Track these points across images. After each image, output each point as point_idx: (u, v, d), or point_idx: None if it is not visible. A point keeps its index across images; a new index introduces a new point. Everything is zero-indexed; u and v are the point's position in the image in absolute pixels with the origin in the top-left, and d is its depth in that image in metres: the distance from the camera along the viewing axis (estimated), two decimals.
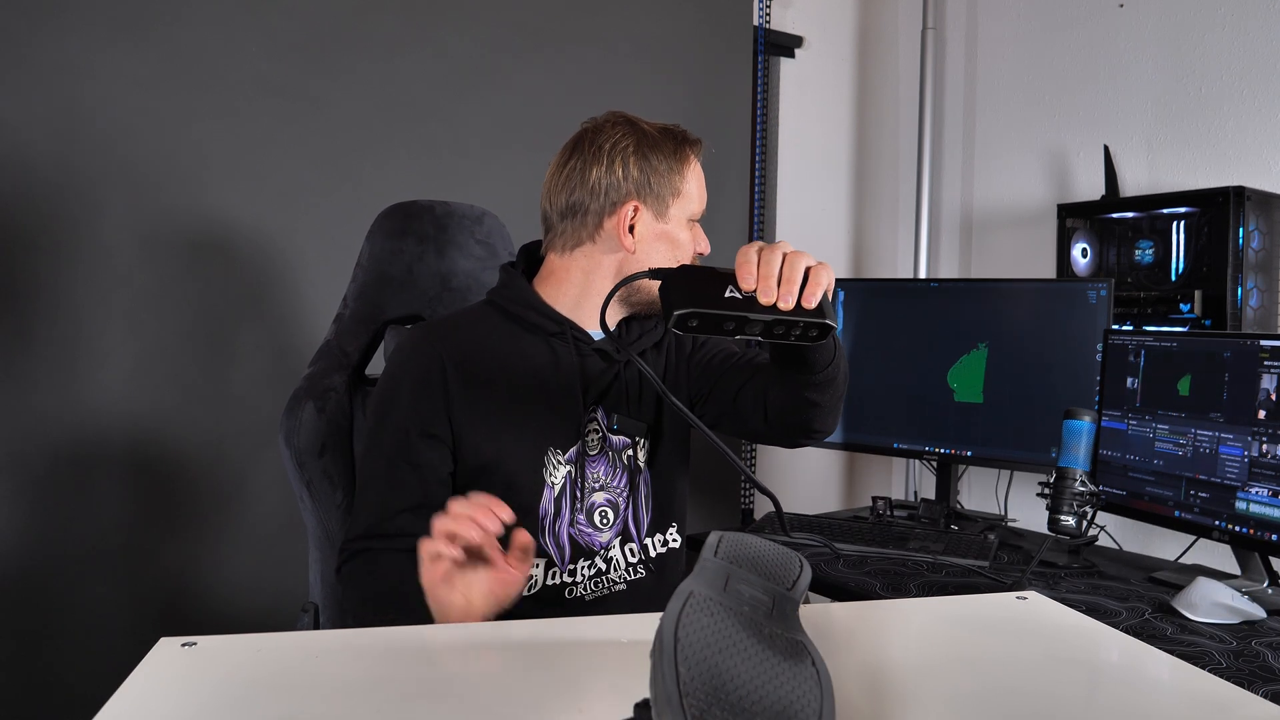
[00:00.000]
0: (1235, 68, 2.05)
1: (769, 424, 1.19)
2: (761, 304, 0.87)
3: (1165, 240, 1.98)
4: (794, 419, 1.16)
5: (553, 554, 1.16)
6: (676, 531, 1.28)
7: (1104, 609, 1.35)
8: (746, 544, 0.68)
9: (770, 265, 0.87)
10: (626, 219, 1.16)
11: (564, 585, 1.17)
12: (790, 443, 1.26)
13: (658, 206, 1.17)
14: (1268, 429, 1.37)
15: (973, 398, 1.92)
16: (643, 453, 1.24)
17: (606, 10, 2.28)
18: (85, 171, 1.71)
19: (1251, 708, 0.63)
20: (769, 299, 0.86)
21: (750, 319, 0.88)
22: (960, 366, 1.94)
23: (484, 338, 1.18)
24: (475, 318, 1.21)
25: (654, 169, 1.16)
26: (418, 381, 1.14)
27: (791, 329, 0.89)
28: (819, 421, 1.16)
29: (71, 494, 1.72)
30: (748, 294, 0.87)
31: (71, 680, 1.70)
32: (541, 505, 1.16)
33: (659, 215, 1.17)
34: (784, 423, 1.18)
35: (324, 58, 1.93)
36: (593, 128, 1.19)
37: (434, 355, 1.14)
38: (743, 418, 1.22)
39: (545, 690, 0.63)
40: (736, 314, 0.87)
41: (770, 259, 0.87)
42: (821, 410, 1.14)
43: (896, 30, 2.90)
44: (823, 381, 1.08)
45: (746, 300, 0.88)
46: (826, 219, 2.83)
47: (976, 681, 0.67)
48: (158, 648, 0.69)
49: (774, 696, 0.50)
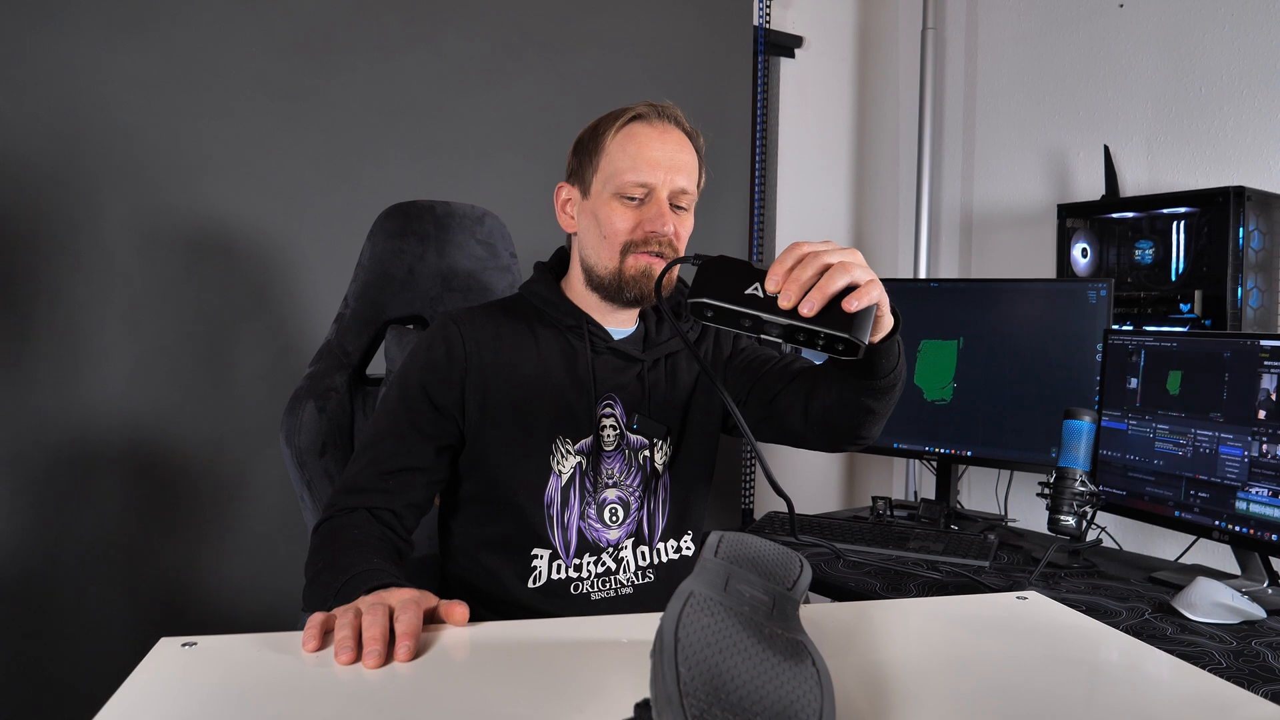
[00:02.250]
0: (1235, 68, 2.05)
1: (810, 427, 1.16)
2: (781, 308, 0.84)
3: (1165, 240, 1.98)
4: (844, 423, 1.12)
5: (557, 545, 1.16)
6: (691, 540, 1.28)
7: (1104, 609, 1.35)
8: (746, 544, 0.69)
9: (803, 269, 0.84)
10: (560, 201, 1.22)
11: (569, 580, 1.17)
12: (830, 447, 1.22)
13: (581, 185, 1.20)
14: (1268, 429, 1.37)
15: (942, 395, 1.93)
16: (662, 456, 1.24)
17: (606, 10, 2.28)
18: (85, 171, 1.71)
19: (1251, 708, 0.63)
20: (789, 303, 0.83)
21: (764, 320, 0.85)
22: (929, 356, 1.95)
23: (506, 327, 1.20)
24: (503, 309, 1.24)
25: (583, 147, 1.20)
26: (438, 357, 1.17)
27: (814, 337, 0.86)
28: (869, 429, 1.12)
29: (71, 494, 1.72)
30: (771, 295, 0.85)
31: (71, 680, 1.70)
32: (548, 493, 1.16)
33: (584, 193, 1.19)
34: (831, 427, 1.14)
35: (324, 58, 1.93)
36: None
37: (457, 336, 1.17)
38: (780, 422, 1.20)
39: (545, 690, 0.63)
40: (750, 312, 0.85)
41: (809, 263, 0.84)
42: (875, 417, 1.10)
43: (896, 30, 2.90)
44: (882, 388, 1.05)
45: (766, 300, 0.85)
46: (826, 219, 2.83)
47: (976, 681, 0.67)
48: (158, 648, 0.69)
49: (774, 696, 0.50)
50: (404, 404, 1.15)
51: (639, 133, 1.16)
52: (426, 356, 1.17)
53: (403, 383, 1.17)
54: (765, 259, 2.70)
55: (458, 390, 1.15)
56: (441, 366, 1.16)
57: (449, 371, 1.16)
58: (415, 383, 1.16)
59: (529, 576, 1.16)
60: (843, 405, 1.10)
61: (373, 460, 1.13)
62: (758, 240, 2.65)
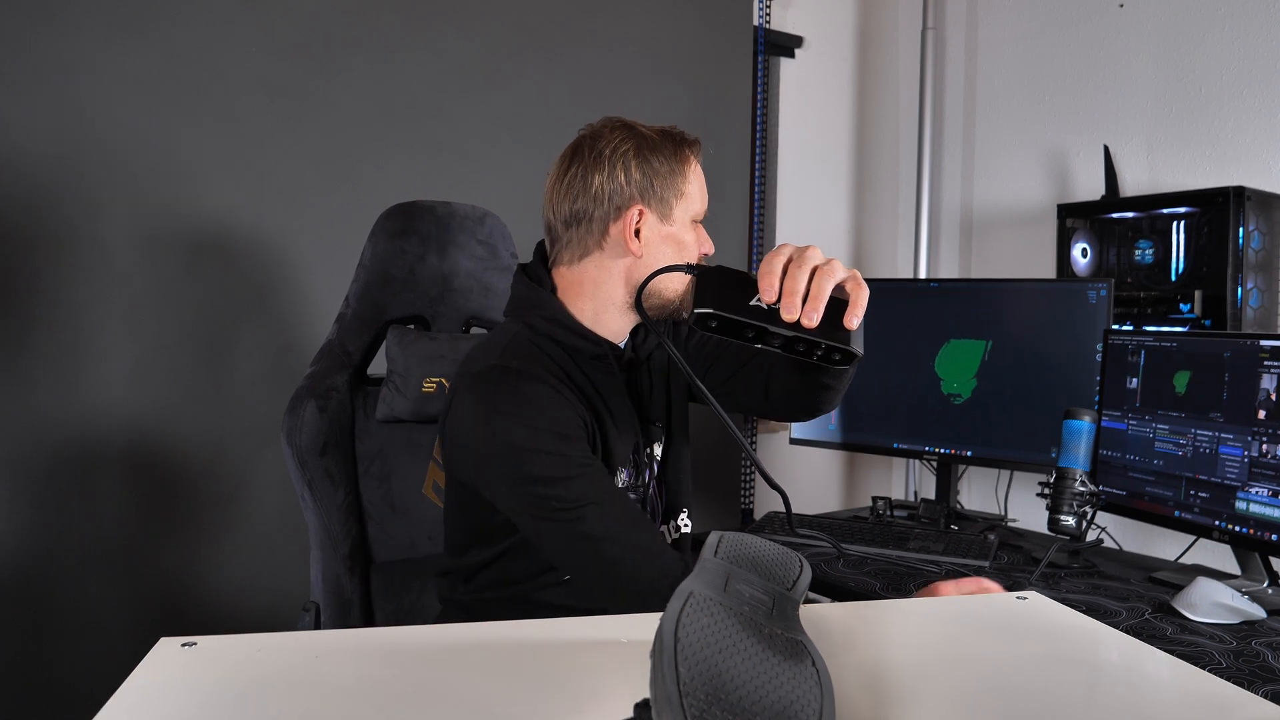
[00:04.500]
0: (1235, 68, 2.05)
1: (770, 405, 1.25)
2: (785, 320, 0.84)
3: (1165, 240, 1.98)
4: (805, 402, 1.22)
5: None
6: (687, 516, 1.31)
7: (1104, 609, 1.35)
8: (746, 544, 0.68)
9: (795, 280, 0.84)
10: (632, 223, 1.14)
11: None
12: (790, 419, 1.34)
13: (661, 209, 1.15)
14: (1268, 429, 1.37)
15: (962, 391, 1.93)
16: (659, 449, 1.26)
17: (606, 10, 2.28)
18: (85, 171, 1.71)
19: (1251, 708, 0.63)
20: (791, 315, 0.84)
21: (770, 331, 0.86)
22: (948, 355, 1.94)
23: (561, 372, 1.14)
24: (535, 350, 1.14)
25: (655, 171, 1.15)
26: (563, 412, 1.09)
27: (814, 348, 0.86)
28: (828, 404, 1.23)
29: (71, 494, 1.72)
30: (773, 306, 0.85)
31: (71, 680, 1.70)
32: None
33: (664, 218, 1.16)
34: (791, 405, 1.24)
35: (324, 58, 1.93)
36: (590, 134, 1.18)
37: (567, 401, 1.10)
38: (738, 399, 1.28)
39: (545, 690, 0.63)
40: (756, 324, 0.85)
41: (797, 274, 0.85)
42: (833, 393, 1.20)
43: (896, 30, 2.90)
44: (840, 371, 1.10)
45: (770, 312, 0.85)
46: (826, 219, 2.83)
47: (976, 681, 0.67)
48: (158, 648, 0.69)
49: (774, 696, 0.50)
50: (591, 464, 1.08)
51: (697, 164, 1.21)
52: (554, 415, 1.08)
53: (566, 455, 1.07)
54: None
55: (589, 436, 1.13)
56: (573, 420, 1.10)
57: (579, 422, 1.11)
58: (577, 441, 1.09)
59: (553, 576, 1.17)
60: (804, 387, 1.19)
61: (642, 526, 1.10)
62: (758, 240, 2.65)
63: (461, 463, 1.14)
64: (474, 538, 1.18)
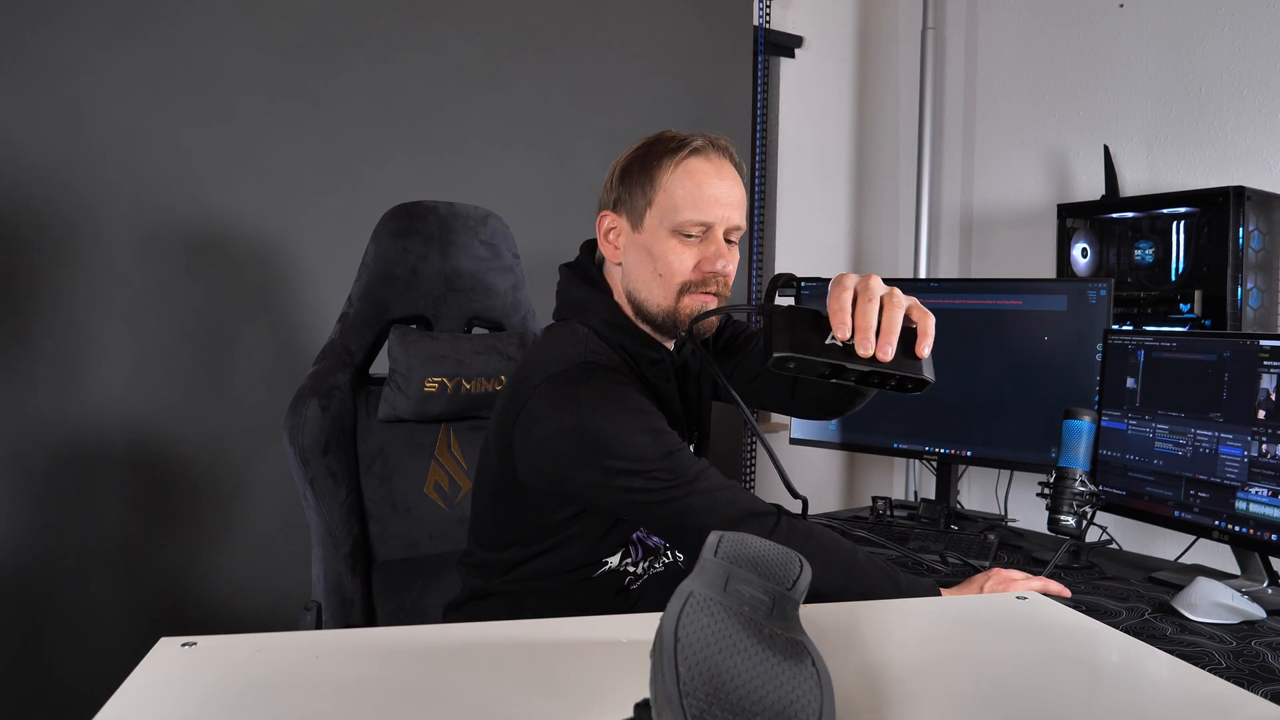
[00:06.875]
0: (1235, 68, 2.05)
1: (796, 406, 1.29)
2: (861, 355, 0.85)
3: (1165, 240, 1.98)
4: (834, 406, 1.26)
5: (632, 551, 1.22)
6: None
7: (1104, 609, 1.35)
8: (746, 544, 0.68)
9: (866, 316, 0.85)
10: (603, 229, 1.18)
11: (624, 573, 1.21)
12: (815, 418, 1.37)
13: (632, 217, 1.15)
14: (1268, 429, 1.37)
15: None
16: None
17: (606, 10, 2.28)
18: (85, 171, 1.71)
19: (1251, 708, 0.63)
20: (867, 351, 0.84)
21: (848, 369, 0.86)
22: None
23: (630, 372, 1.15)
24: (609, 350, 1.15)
25: (629, 178, 1.15)
26: (640, 403, 1.10)
27: (887, 380, 0.87)
28: (856, 408, 1.27)
29: (71, 494, 1.72)
30: (847, 343, 0.85)
31: (71, 680, 1.70)
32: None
33: (635, 226, 1.15)
34: (818, 409, 1.28)
35: (324, 58, 1.93)
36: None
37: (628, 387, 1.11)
38: (764, 397, 1.30)
39: (545, 690, 0.63)
40: (834, 363, 0.85)
41: (867, 309, 0.85)
42: (862, 399, 1.24)
43: (896, 30, 2.90)
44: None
45: (845, 349, 0.85)
46: (826, 219, 2.83)
47: (976, 681, 0.67)
48: (158, 648, 0.69)
49: (774, 696, 0.50)
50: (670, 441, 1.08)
51: (696, 168, 1.12)
52: (641, 405, 1.09)
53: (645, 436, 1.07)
54: (765, 259, 2.70)
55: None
56: (657, 410, 1.11)
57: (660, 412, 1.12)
58: (653, 417, 1.09)
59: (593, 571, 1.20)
60: (835, 393, 1.23)
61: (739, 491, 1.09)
62: (758, 240, 2.65)
63: (543, 462, 1.09)
64: (519, 535, 1.19)
